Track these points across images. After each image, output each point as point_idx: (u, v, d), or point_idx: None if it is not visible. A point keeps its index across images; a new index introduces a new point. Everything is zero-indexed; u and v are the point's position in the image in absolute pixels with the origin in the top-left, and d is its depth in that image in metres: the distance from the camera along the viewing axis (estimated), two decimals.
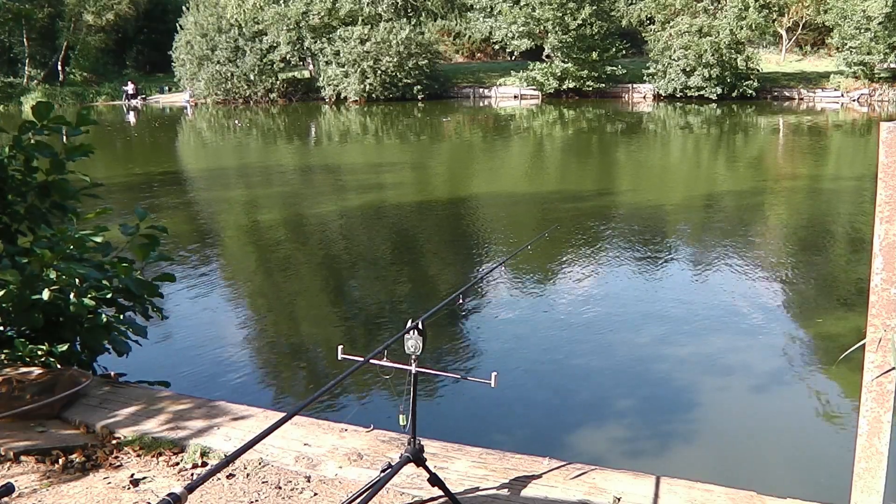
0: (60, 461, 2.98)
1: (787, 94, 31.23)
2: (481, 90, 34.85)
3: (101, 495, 2.75)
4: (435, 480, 2.51)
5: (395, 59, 32.02)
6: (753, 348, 5.90)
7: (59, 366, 3.77)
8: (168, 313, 6.89)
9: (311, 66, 36.04)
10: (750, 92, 29.99)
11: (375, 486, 2.38)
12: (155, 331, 6.41)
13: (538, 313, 6.91)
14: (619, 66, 32.88)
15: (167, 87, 38.31)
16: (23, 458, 3.00)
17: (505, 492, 2.72)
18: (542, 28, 32.43)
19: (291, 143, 22.80)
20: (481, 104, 32.92)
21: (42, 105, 4.18)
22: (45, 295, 3.80)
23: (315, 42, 33.62)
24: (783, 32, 35.83)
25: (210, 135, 26.00)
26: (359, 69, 32.33)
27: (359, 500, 2.39)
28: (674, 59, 30.44)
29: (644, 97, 32.77)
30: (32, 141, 4.20)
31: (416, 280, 8.19)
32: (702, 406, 4.99)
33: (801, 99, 30.86)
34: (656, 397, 5.11)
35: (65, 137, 4.40)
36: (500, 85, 34.63)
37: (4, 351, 3.79)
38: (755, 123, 25.26)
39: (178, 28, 35.18)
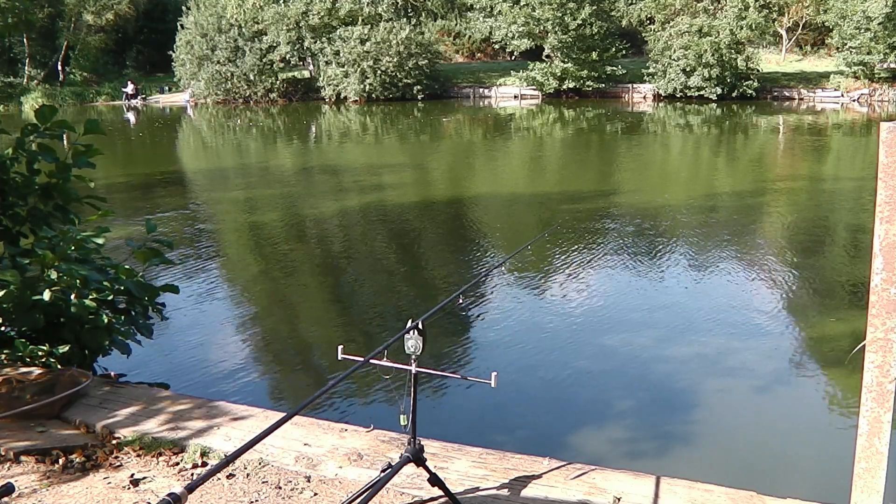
0: (60, 461, 2.98)
1: (787, 94, 31.22)
2: (481, 90, 34.83)
3: (101, 495, 2.75)
4: (435, 480, 2.51)
5: (395, 59, 32.01)
6: (753, 349, 5.90)
7: (59, 366, 3.77)
8: (168, 313, 6.90)
9: (310, 66, 36.03)
10: (750, 92, 29.97)
11: (375, 486, 2.38)
12: (155, 331, 6.41)
13: (538, 313, 6.91)
14: (619, 67, 32.87)
15: (167, 87, 38.29)
16: (23, 458, 2.99)
17: (505, 492, 2.72)
18: (541, 28, 32.42)
19: (291, 143, 22.79)
20: (481, 104, 32.91)
21: (46, 108, 4.18)
22: (46, 296, 3.80)
23: (315, 42, 33.61)
24: (783, 32, 35.83)
25: (210, 135, 26.00)
26: (359, 69, 32.32)
27: (359, 500, 2.39)
28: (674, 59, 30.43)
29: (644, 97, 32.76)
30: (34, 146, 4.19)
31: (416, 280, 8.19)
32: (702, 406, 4.99)
33: (802, 99, 30.85)
34: (656, 397, 5.11)
35: (65, 141, 4.40)
36: (500, 85, 34.61)
37: (5, 351, 3.79)
38: (755, 123, 25.25)
39: (179, 28, 35.16)
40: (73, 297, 4.01)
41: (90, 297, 4.09)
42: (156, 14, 41.62)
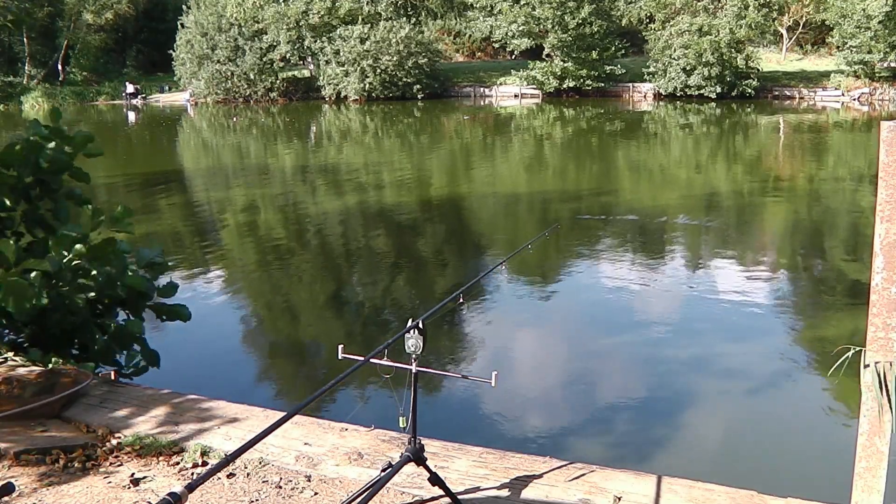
0: (61, 461, 2.97)
1: (787, 93, 31.22)
2: (482, 89, 34.83)
3: (101, 495, 2.75)
4: (435, 480, 2.51)
5: (395, 58, 32.01)
6: (754, 348, 5.90)
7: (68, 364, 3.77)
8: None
9: (311, 65, 36.03)
10: (749, 91, 29.97)
11: (376, 486, 2.38)
12: (155, 331, 6.41)
13: (538, 313, 6.91)
14: (619, 66, 32.87)
15: (167, 87, 38.29)
16: (23, 457, 2.99)
17: (505, 491, 2.72)
18: (541, 27, 32.43)
19: (291, 143, 22.78)
20: (482, 103, 32.91)
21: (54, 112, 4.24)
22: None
23: (315, 41, 33.62)
24: (783, 31, 35.81)
25: (210, 134, 25.99)
26: (359, 68, 32.33)
27: (359, 499, 2.39)
28: (674, 59, 30.43)
29: (644, 96, 32.76)
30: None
31: (416, 280, 8.19)
32: (702, 406, 4.99)
33: (802, 98, 30.85)
34: (657, 397, 5.11)
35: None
36: (500, 84, 34.60)
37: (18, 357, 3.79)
38: (755, 122, 25.24)
39: (179, 27, 35.16)
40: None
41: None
42: (156, 13, 41.61)
